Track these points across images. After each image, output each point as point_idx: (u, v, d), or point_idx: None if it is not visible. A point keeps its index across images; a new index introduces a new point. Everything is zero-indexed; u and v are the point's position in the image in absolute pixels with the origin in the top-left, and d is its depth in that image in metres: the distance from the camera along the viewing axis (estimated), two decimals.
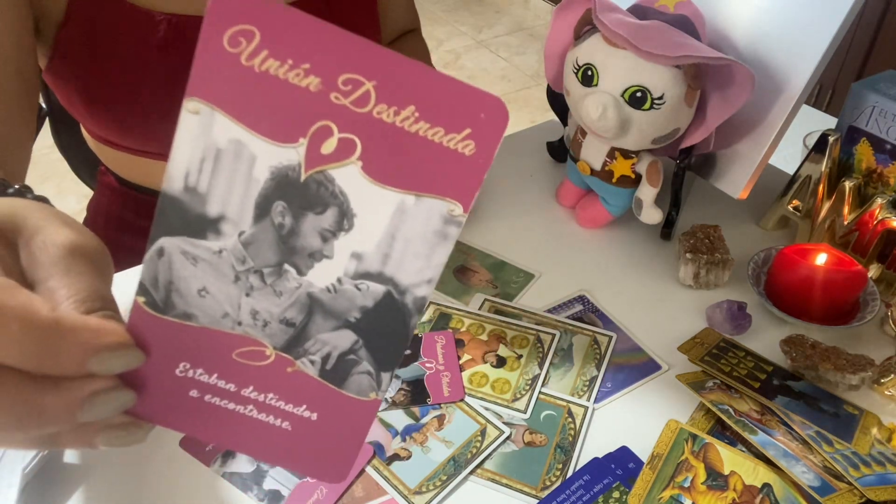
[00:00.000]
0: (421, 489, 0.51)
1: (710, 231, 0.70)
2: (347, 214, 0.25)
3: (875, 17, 1.90)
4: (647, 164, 0.69)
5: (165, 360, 0.27)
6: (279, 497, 0.50)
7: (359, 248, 0.26)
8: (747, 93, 0.62)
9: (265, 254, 0.26)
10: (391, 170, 0.24)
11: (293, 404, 0.28)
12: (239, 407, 0.28)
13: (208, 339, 0.27)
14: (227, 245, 0.26)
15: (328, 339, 0.27)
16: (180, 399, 0.27)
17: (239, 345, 0.27)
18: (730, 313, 0.63)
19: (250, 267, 0.26)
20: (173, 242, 0.26)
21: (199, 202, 0.25)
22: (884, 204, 0.66)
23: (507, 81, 2.74)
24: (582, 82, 0.65)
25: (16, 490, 0.47)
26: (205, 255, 0.26)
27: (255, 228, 0.25)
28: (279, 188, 0.25)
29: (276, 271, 0.26)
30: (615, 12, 0.63)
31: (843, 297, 0.64)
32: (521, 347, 0.62)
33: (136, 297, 0.26)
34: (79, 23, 0.63)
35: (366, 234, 0.25)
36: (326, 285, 0.26)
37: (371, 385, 0.28)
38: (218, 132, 0.24)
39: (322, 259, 0.26)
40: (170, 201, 0.25)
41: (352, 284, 0.26)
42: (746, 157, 0.69)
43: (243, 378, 0.27)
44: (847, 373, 0.57)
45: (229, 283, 0.26)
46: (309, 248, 0.26)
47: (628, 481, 0.51)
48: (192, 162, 0.25)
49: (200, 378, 0.27)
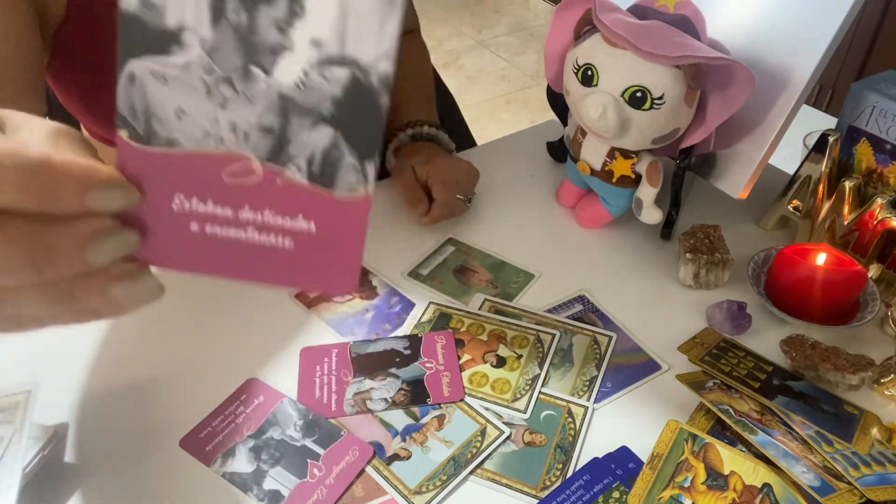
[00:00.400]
0: (421, 489, 0.51)
1: (710, 231, 0.70)
2: (299, 2, 0.25)
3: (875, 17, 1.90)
4: (647, 164, 0.69)
5: (160, 196, 0.27)
6: (279, 497, 0.50)
7: (315, 32, 0.25)
8: (747, 93, 0.62)
9: (229, 58, 0.26)
10: None
11: (290, 217, 0.28)
12: (239, 232, 0.28)
13: (196, 163, 0.27)
14: (193, 57, 0.26)
15: (308, 138, 0.27)
16: (182, 236, 0.28)
17: (226, 162, 0.27)
18: (730, 313, 0.63)
19: (218, 76, 0.26)
20: (141, 64, 0.26)
21: (156, 15, 0.25)
22: (884, 204, 0.66)
23: (507, 81, 2.74)
24: (582, 82, 0.65)
25: (16, 490, 0.47)
26: (174, 73, 0.26)
27: (214, 33, 0.25)
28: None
29: (244, 75, 0.26)
30: (615, 12, 0.63)
31: (843, 297, 0.64)
32: (521, 347, 0.62)
33: (118, 132, 0.27)
34: (78, 22, 0.63)
35: (318, 16, 0.25)
36: (294, 81, 0.26)
37: (359, 179, 0.27)
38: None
39: (283, 52, 0.26)
40: (129, 20, 0.25)
41: (318, 74, 0.26)
42: (746, 157, 0.69)
43: (237, 199, 0.27)
44: (847, 373, 0.57)
45: (203, 98, 0.26)
46: (269, 44, 0.26)
47: (628, 481, 0.51)
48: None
49: (197, 208, 0.27)
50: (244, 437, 0.54)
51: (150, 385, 0.58)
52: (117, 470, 0.52)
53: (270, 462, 0.53)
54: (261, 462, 0.53)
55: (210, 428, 0.55)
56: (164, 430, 0.55)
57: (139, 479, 0.52)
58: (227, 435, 0.54)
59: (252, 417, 0.55)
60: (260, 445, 0.54)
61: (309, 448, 0.53)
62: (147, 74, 0.26)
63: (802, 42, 0.65)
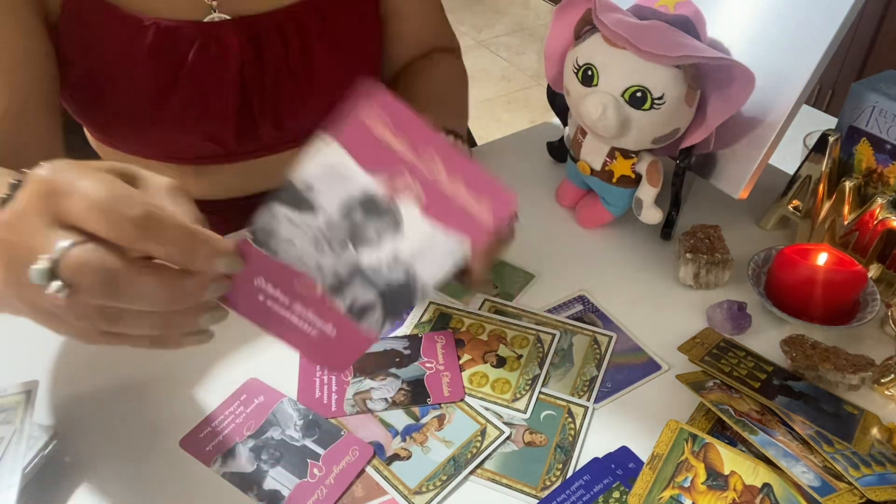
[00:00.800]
0: (421, 489, 0.51)
1: (710, 231, 0.70)
2: (399, 228, 0.38)
3: (875, 17, 1.90)
4: (647, 164, 0.68)
5: (250, 272, 0.39)
6: (279, 497, 0.50)
7: (399, 247, 0.38)
8: (747, 93, 0.62)
9: (338, 232, 0.38)
10: (436, 211, 0.37)
11: (322, 321, 0.40)
12: (287, 313, 0.40)
13: (283, 269, 0.39)
14: (317, 221, 0.38)
15: (359, 293, 0.39)
16: (252, 299, 0.40)
17: (301, 278, 0.39)
18: (730, 313, 0.63)
19: (326, 237, 0.39)
20: (282, 209, 0.38)
21: (310, 194, 0.38)
22: (884, 204, 0.66)
23: (507, 81, 2.74)
24: (582, 82, 0.65)
25: (16, 490, 0.47)
26: (299, 222, 0.38)
27: (338, 217, 0.38)
28: (362, 200, 0.38)
29: (341, 244, 0.39)
30: (615, 12, 0.63)
31: (843, 297, 0.64)
32: (521, 347, 0.62)
33: (246, 231, 0.39)
34: (71, 26, 0.63)
35: (407, 243, 0.38)
36: (369, 263, 0.39)
37: (377, 327, 0.40)
38: (333, 155, 0.37)
39: (372, 246, 0.38)
40: (291, 186, 0.38)
41: (386, 266, 0.39)
42: (746, 157, 0.69)
43: (296, 297, 0.40)
44: (847, 373, 0.57)
45: (309, 242, 0.39)
46: (366, 238, 0.38)
47: (628, 481, 0.51)
48: (314, 170, 0.38)
49: (268, 289, 0.40)
50: (244, 437, 0.54)
51: (150, 385, 0.58)
52: (117, 470, 0.52)
53: (270, 462, 0.53)
54: (261, 462, 0.53)
55: (210, 428, 0.55)
56: (164, 430, 0.55)
57: (139, 479, 0.52)
58: (227, 435, 0.54)
59: (252, 417, 0.55)
60: (260, 445, 0.54)
61: (309, 448, 0.53)
62: (283, 215, 0.39)
63: (802, 42, 0.65)
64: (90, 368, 0.60)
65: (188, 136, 0.67)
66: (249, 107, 0.68)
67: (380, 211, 0.37)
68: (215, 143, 0.69)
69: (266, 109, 0.69)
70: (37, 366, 0.60)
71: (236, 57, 0.65)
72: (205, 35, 0.64)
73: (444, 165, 0.36)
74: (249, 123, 0.69)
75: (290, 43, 0.67)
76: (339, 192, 0.37)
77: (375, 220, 0.38)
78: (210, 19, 0.64)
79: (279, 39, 0.67)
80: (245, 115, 0.68)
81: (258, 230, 0.38)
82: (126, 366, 0.60)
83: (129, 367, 0.59)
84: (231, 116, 0.67)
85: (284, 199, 0.38)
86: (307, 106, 0.71)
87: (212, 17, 0.64)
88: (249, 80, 0.67)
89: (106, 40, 0.63)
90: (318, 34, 0.68)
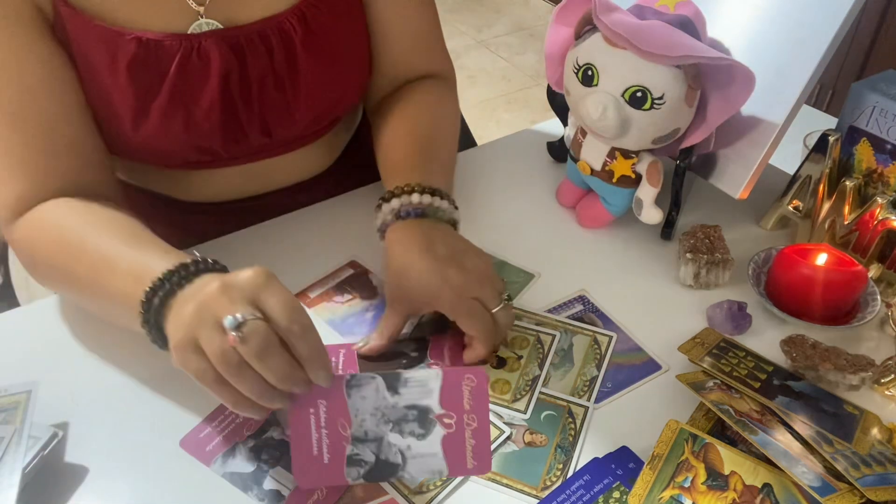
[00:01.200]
0: (421, 489, 0.51)
1: (710, 231, 0.70)
2: (424, 438, 0.49)
3: (875, 17, 1.90)
4: (647, 164, 0.68)
5: (323, 393, 0.49)
6: (279, 497, 0.50)
7: (413, 445, 0.49)
8: (748, 93, 0.62)
9: (392, 414, 0.50)
10: (447, 445, 0.49)
11: (327, 449, 0.49)
12: (314, 431, 0.49)
13: (342, 406, 0.49)
14: (390, 401, 0.49)
15: (365, 451, 0.49)
16: (306, 407, 0.49)
17: (344, 419, 0.49)
18: (730, 313, 0.63)
19: (384, 412, 0.49)
20: (380, 380, 0.50)
21: (402, 385, 0.50)
22: (884, 204, 0.66)
23: (507, 81, 2.74)
24: (582, 82, 0.65)
25: (16, 490, 0.47)
26: (381, 393, 0.50)
27: (401, 407, 0.50)
28: (421, 409, 0.50)
29: (386, 421, 0.50)
30: (615, 12, 0.63)
31: (843, 297, 0.64)
32: (521, 348, 0.62)
33: (348, 372, 0.54)
34: (57, 38, 0.63)
35: (419, 446, 0.49)
36: (389, 440, 0.49)
37: (353, 477, 0.49)
38: (433, 380, 0.50)
39: (400, 434, 0.49)
40: (399, 375, 0.50)
41: (395, 450, 0.49)
42: (746, 157, 0.69)
43: (329, 426, 0.49)
44: (847, 373, 0.57)
45: (372, 406, 0.49)
46: (402, 429, 0.49)
47: (628, 481, 0.51)
48: (415, 374, 0.50)
49: (320, 409, 0.49)
50: (244, 437, 0.54)
51: (150, 385, 0.58)
52: (117, 470, 0.52)
53: (270, 462, 0.53)
54: (261, 462, 0.53)
55: (210, 428, 0.55)
56: (164, 430, 0.55)
57: (139, 479, 0.52)
58: (227, 435, 0.54)
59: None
60: (260, 445, 0.54)
61: None
62: (377, 384, 0.50)
63: (802, 42, 0.65)
64: (90, 369, 0.60)
65: (174, 145, 0.67)
66: (235, 116, 0.67)
67: (424, 423, 0.49)
68: (202, 152, 0.69)
69: (252, 118, 0.68)
70: (37, 366, 0.60)
71: (219, 67, 0.64)
72: (186, 47, 0.63)
73: (476, 418, 0.49)
74: (237, 132, 0.68)
75: (274, 52, 0.66)
76: (416, 396, 0.49)
77: (417, 425, 0.49)
78: (197, 27, 0.64)
79: (263, 48, 0.66)
80: (231, 124, 0.67)
81: (354, 377, 0.49)
82: (126, 366, 0.60)
83: (129, 368, 0.59)
84: (216, 126, 0.66)
85: (386, 378, 0.49)
86: (294, 115, 0.70)
87: (199, 24, 0.64)
88: (234, 89, 0.66)
89: (89, 55, 0.62)
90: (302, 43, 0.67)
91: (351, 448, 0.49)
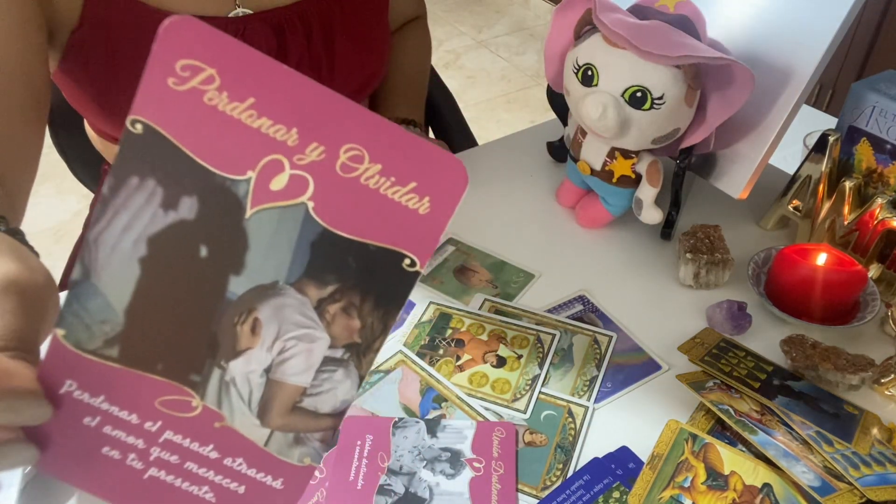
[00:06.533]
0: None
1: (710, 231, 0.70)
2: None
3: (875, 17, 1.90)
4: (647, 164, 0.68)
5: (363, 431, 0.38)
6: None
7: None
8: (747, 93, 0.62)
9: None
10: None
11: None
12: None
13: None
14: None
15: (395, 484, 0.48)
16: (352, 441, 0.38)
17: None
18: (730, 313, 0.63)
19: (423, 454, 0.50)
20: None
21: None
22: (884, 204, 0.66)
23: (507, 81, 2.74)
24: (582, 82, 0.65)
25: (16, 490, 0.47)
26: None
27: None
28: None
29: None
30: (615, 12, 0.63)
31: (843, 297, 0.64)
32: (521, 347, 0.62)
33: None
34: (94, 25, 0.63)
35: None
36: (427, 482, 0.49)
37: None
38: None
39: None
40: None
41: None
42: (746, 157, 0.69)
43: (374, 463, 0.47)
44: (847, 373, 0.57)
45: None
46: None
47: (628, 481, 0.51)
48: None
49: (363, 445, 0.41)
50: None
51: None
52: None
53: None
54: None
55: None
56: None
57: None
58: None
59: None
60: None
61: None
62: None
63: (802, 42, 0.65)
64: None
65: None
66: None
67: (455, 464, 0.50)
68: None
69: None
70: None
71: (261, 49, 0.65)
72: (230, 29, 0.64)
73: (503, 465, 0.42)
74: None
75: (313, 34, 0.68)
76: (451, 440, 0.51)
77: (448, 465, 0.49)
78: (234, 14, 0.65)
79: (302, 30, 0.68)
80: None
81: (402, 419, 0.51)
82: None
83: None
84: None
85: (428, 423, 0.52)
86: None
87: (236, 13, 0.65)
88: None
89: (132, 37, 0.63)
90: (339, 25, 0.70)
91: (384, 478, 0.50)
